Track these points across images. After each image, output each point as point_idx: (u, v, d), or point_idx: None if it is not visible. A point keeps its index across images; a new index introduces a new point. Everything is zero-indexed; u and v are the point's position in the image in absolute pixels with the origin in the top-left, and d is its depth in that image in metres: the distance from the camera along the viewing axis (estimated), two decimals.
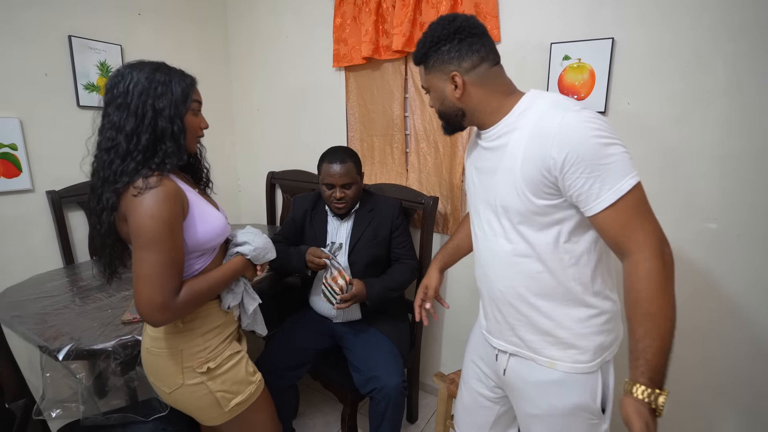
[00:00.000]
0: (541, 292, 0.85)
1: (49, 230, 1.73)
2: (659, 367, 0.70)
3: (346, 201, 1.45)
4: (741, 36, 1.15)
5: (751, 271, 1.23)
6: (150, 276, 0.81)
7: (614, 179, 0.72)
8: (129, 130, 0.84)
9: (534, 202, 0.80)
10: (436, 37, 0.85)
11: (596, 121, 0.74)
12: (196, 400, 0.97)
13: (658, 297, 0.71)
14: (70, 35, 1.70)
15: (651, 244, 0.72)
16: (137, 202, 0.81)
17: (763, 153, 1.17)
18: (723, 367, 1.31)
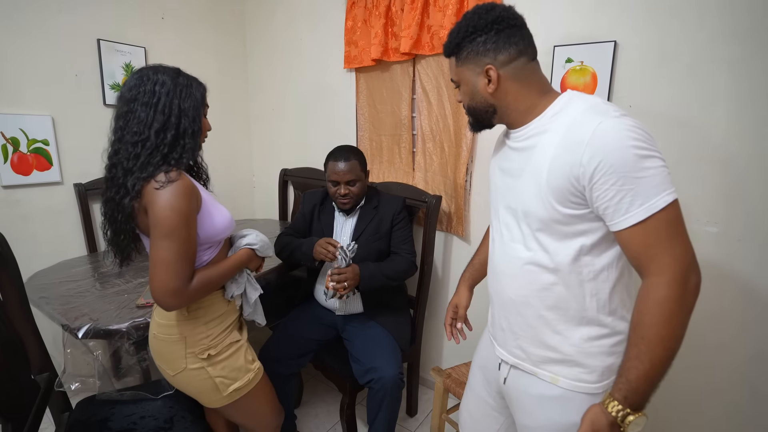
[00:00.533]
0: (553, 305, 0.81)
1: (75, 220, 1.86)
2: (639, 390, 0.68)
3: (350, 197, 1.50)
4: (742, 39, 1.14)
5: (752, 276, 1.22)
6: (167, 263, 0.88)
7: (647, 194, 0.67)
8: (158, 127, 0.90)
9: (558, 210, 0.76)
10: (472, 27, 0.79)
11: (637, 130, 0.68)
12: (197, 383, 1.04)
13: (661, 325, 0.68)
14: (99, 39, 1.83)
15: (675, 269, 0.67)
16: (159, 195, 0.87)
17: (763, 157, 1.16)
18: (723, 371, 1.30)
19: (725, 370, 1.30)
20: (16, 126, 1.63)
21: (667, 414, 1.41)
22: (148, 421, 1.17)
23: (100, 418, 1.17)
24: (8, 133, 1.62)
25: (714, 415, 1.33)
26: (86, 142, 1.84)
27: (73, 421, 1.17)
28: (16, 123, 1.63)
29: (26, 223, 1.72)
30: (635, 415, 0.68)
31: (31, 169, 1.69)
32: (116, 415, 1.18)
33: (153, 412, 1.20)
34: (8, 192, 1.66)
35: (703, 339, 1.32)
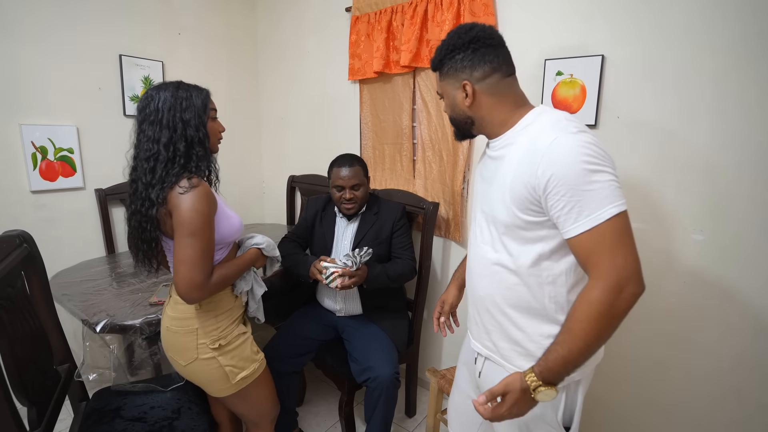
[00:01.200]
0: (516, 304, 0.87)
1: (95, 223, 1.98)
2: (554, 370, 0.75)
3: (355, 201, 1.58)
4: (726, 53, 1.18)
5: (736, 283, 1.25)
6: (193, 260, 0.97)
7: (594, 206, 0.72)
8: (165, 141, 0.99)
9: (519, 216, 0.82)
10: (452, 45, 0.87)
11: (589, 146, 0.73)
12: (208, 372, 1.12)
13: (586, 323, 0.73)
14: (121, 54, 1.96)
15: (612, 276, 0.72)
16: (184, 199, 0.96)
17: (747, 167, 1.19)
18: (711, 378, 1.32)
19: (713, 376, 1.32)
20: (45, 136, 1.77)
21: (660, 418, 1.43)
22: (158, 411, 1.26)
23: (114, 407, 1.27)
24: (38, 143, 1.75)
25: (703, 420, 1.35)
26: (107, 150, 1.97)
27: (90, 409, 1.27)
28: (45, 133, 1.77)
29: (51, 226, 1.85)
30: (546, 387, 0.75)
31: (57, 176, 1.82)
32: (128, 405, 1.27)
33: (162, 403, 1.29)
34: (36, 197, 1.80)
35: (687, 345, 1.35)
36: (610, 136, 1.40)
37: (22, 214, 1.76)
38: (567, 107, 1.46)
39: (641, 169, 1.36)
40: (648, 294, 1.40)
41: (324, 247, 1.68)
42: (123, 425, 1.20)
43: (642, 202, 1.38)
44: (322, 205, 1.74)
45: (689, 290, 1.33)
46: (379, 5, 1.88)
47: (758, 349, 1.24)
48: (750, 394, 1.26)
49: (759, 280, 1.21)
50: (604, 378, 1.53)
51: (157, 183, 0.98)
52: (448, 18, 1.63)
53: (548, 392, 0.75)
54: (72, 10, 1.82)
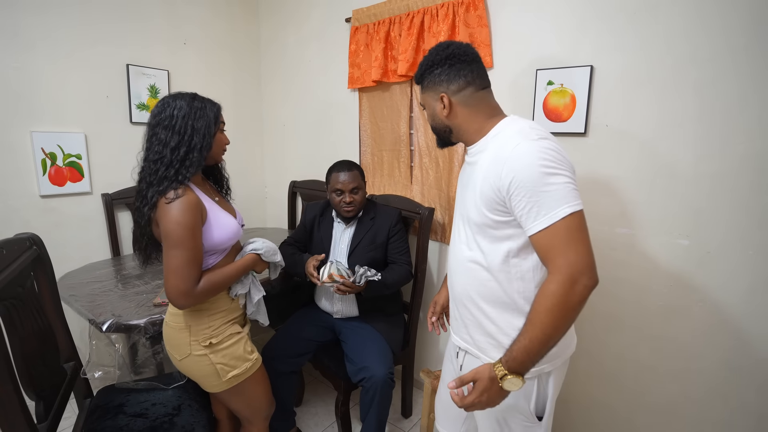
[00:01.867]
0: (489, 299, 0.94)
1: (101, 227, 2.05)
2: (518, 359, 0.81)
3: (354, 204, 1.62)
4: (709, 64, 1.22)
5: (720, 288, 1.28)
6: (177, 269, 1.02)
7: (550, 206, 0.79)
8: (174, 145, 1.05)
9: (487, 215, 0.90)
10: (431, 61, 0.97)
11: (548, 152, 0.81)
12: (200, 368, 1.17)
13: (543, 313, 0.80)
14: (128, 63, 2.03)
15: (566, 271, 0.78)
16: (168, 210, 1.02)
17: (731, 175, 1.23)
18: (697, 379, 1.35)
19: (699, 378, 1.35)
20: (54, 143, 1.83)
21: (648, 419, 1.46)
22: (159, 407, 1.31)
23: (117, 403, 1.31)
24: (48, 149, 1.82)
25: (690, 421, 1.38)
26: (114, 156, 2.04)
27: (94, 406, 1.32)
28: (54, 140, 1.83)
29: (59, 229, 1.91)
30: (512, 376, 0.80)
31: (66, 181, 1.89)
32: (131, 402, 1.32)
33: (163, 400, 1.34)
34: (45, 201, 1.86)
35: (674, 347, 1.38)
36: (599, 143, 1.44)
37: (31, 217, 1.83)
38: (558, 116, 1.50)
39: (629, 175, 1.40)
40: (636, 297, 1.46)
41: (322, 251, 1.72)
42: (125, 421, 1.25)
43: (630, 208, 1.41)
44: (320, 211, 1.79)
45: (675, 294, 1.36)
46: (377, 16, 1.94)
47: (741, 351, 1.27)
48: (734, 394, 1.29)
49: (742, 283, 1.24)
50: (594, 378, 1.57)
51: (155, 184, 1.03)
52: (444, 29, 1.69)
53: (514, 381, 0.81)
54: (82, 22, 1.89)
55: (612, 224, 1.45)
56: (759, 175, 1.19)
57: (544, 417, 0.95)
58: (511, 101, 1.61)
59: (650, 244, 1.39)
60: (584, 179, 1.49)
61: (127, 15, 2.03)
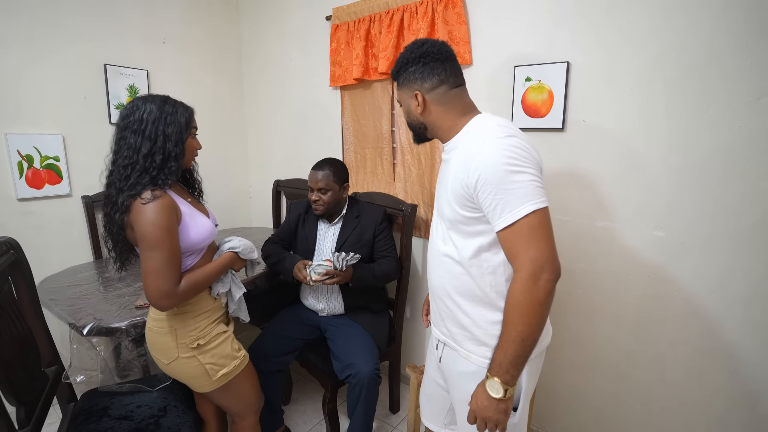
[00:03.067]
0: (462, 292, 0.97)
1: (82, 229, 2.02)
2: (497, 359, 0.86)
3: (320, 204, 1.64)
4: (681, 61, 1.26)
5: (694, 276, 1.33)
6: (156, 271, 1.01)
7: (514, 204, 0.81)
8: (145, 152, 1.03)
9: (458, 211, 0.92)
10: (406, 59, 0.98)
11: (513, 150, 0.82)
12: (189, 370, 1.17)
13: (514, 312, 0.83)
14: (106, 63, 2.00)
15: (528, 267, 0.81)
16: (143, 211, 1.00)
17: (702, 167, 1.27)
18: (673, 364, 1.40)
19: (676, 363, 1.39)
20: (30, 144, 1.80)
21: (630, 404, 1.50)
22: (144, 409, 1.30)
23: (101, 407, 1.30)
24: (24, 151, 1.78)
25: (668, 403, 1.43)
26: (93, 157, 2.00)
27: (77, 410, 1.31)
28: (30, 142, 1.80)
29: (38, 233, 1.88)
30: (493, 379, 0.86)
31: (44, 183, 1.85)
32: (115, 405, 1.31)
33: (148, 402, 1.33)
34: (23, 204, 1.83)
35: (654, 335, 1.42)
36: (577, 138, 1.47)
37: (8, 221, 1.79)
38: (536, 111, 1.53)
39: (606, 169, 1.43)
40: (616, 287, 1.50)
41: (306, 249, 1.73)
42: (110, 423, 1.24)
43: (608, 202, 1.45)
44: (304, 209, 1.79)
45: (653, 283, 1.40)
46: (358, 14, 1.94)
47: (713, 336, 1.31)
48: (708, 377, 1.34)
49: (713, 272, 1.29)
50: (577, 367, 1.61)
51: (126, 190, 1.02)
52: (423, 26, 1.70)
53: (492, 383, 0.86)
54: (57, 21, 1.85)
55: (591, 217, 1.49)
56: (725, 167, 1.23)
57: (519, 407, 0.97)
58: (490, 97, 1.64)
59: (628, 236, 1.43)
60: (563, 173, 1.52)
61: (103, 13, 1.99)
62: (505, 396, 0.85)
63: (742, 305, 1.26)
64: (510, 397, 0.87)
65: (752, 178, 1.20)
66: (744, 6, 1.15)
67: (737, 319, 1.27)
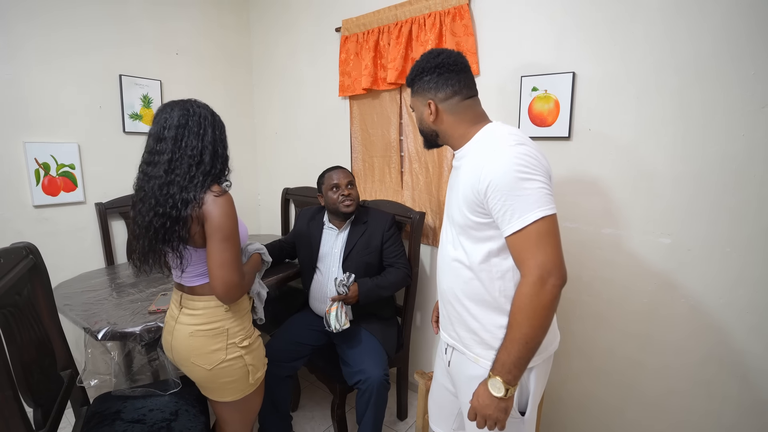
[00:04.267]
0: (472, 297, 0.98)
1: (95, 236, 2.05)
2: (501, 359, 0.88)
3: (352, 198, 1.66)
4: (684, 70, 1.28)
5: (701, 284, 1.33)
6: (230, 262, 1.04)
7: (524, 210, 0.83)
8: (208, 154, 1.08)
9: (468, 217, 0.94)
10: (421, 68, 1.01)
11: (523, 158, 0.85)
12: (233, 371, 1.17)
13: (519, 314, 0.85)
14: (121, 74, 2.06)
15: (535, 272, 0.83)
16: (217, 203, 1.03)
17: (707, 175, 1.28)
18: (682, 373, 1.40)
19: (683, 372, 1.39)
20: (47, 153, 1.84)
21: (638, 414, 1.50)
22: (156, 413, 1.32)
23: (114, 410, 1.32)
24: (41, 159, 1.83)
25: (677, 413, 1.42)
26: (107, 165, 2.05)
27: (91, 413, 1.32)
28: (47, 150, 1.85)
29: (53, 239, 1.92)
30: (495, 378, 0.89)
31: (59, 191, 1.90)
32: (128, 408, 1.33)
33: (160, 406, 1.34)
34: (39, 211, 1.87)
35: (661, 344, 1.43)
36: (583, 147, 1.50)
37: (25, 227, 1.83)
38: (543, 120, 1.56)
39: (612, 177, 1.45)
40: (623, 295, 1.51)
41: (309, 257, 1.76)
42: (123, 427, 1.25)
43: (614, 209, 1.47)
44: (312, 215, 1.82)
45: (659, 291, 1.41)
46: (366, 26, 1.99)
47: (722, 344, 1.31)
48: (717, 386, 1.34)
49: (721, 279, 1.30)
50: (583, 375, 1.61)
51: (193, 188, 1.04)
52: (431, 38, 1.74)
53: (494, 382, 0.89)
54: (76, 34, 1.91)
55: (598, 225, 1.50)
56: (733, 175, 1.24)
57: (527, 412, 0.98)
58: (498, 107, 1.67)
59: (635, 243, 1.44)
60: (570, 181, 1.54)
61: (119, 25, 2.05)
62: (506, 395, 0.87)
63: (751, 312, 1.26)
64: (511, 397, 0.89)
65: (757, 186, 1.21)
66: (744, 16, 1.18)
67: (746, 326, 1.28)
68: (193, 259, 1.12)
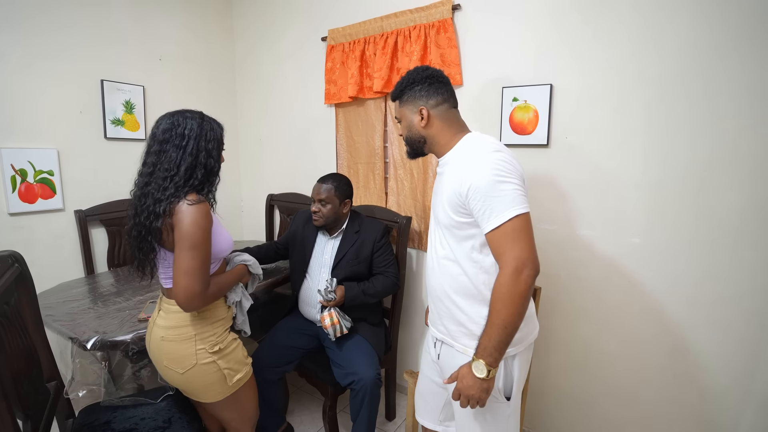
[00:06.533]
0: (459, 291, 1.07)
1: (74, 244, 1.99)
2: (482, 344, 0.97)
3: (319, 216, 1.70)
4: (652, 86, 1.40)
5: (669, 280, 1.45)
6: (193, 270, 1.04)
7: (500, 209, 0.94)
8: (186, 166, 1.08)
9: (452, 217, 1.04)
10: (412, 79, 1.11)
11: (500, 163, 0.96)
12: (206, 376, 1.18)
13: (499, 302, 0.94)
14: (102, 79, 2.02)
15: (512, 264, 0.93)
16: (188, 212, 1.04)
17: (673, 181, 1.40)
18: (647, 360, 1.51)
19: (652, 361, 1.50)
20: (25, 159, 1.79)
21: (612, 401, 1.60)
22: (148, 422, 1.30)
23: (104, 421, 1.30)
24: (17, 165, 1.77)
25: (647, 399, 1.53)
26: (88, 172, 2.01)
27: (78, 425, 1.29)
28: (25, 156, 1.79)
29: (29, 248, 1.85)
30: (478, 361, 0.97)
31: (36, 198, 1.84)
32: (118, 418, 1.31)
33: (152, 414, 1.33)
34: (14, 219, 1.80)
35: (631, 335, 1.53)
36: (561, 154, 1.60)
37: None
38: (523, 129, 1.65)
39: (587, 182, 1.55)
40: (597, 293, 1.61)
41: (302, 260, 1.78)
42: None
43: (590, 212, 1.57)
44: (307, 218, 1.84)
45: (631, 287, 1.51)
46: (352, 36, 2.04)
47: (687, 335, 1.43)
48: (682, 371, 1.46)
49: (689, 277, 1.41)
50: (563, 369, 1.70)
51: (165, 199, 1.06)
52: (416, 49, 1.81)
53: (477, 365, 0.97)
54: (55, 37, 1.87)
55: (573, 227, 1.60)
56: (697, 180, 1.36)
57: (512, 397, 1.07)
58: (481, 115, 1.75)
59: (608, 243, 1.54)
60: (548, 186, 1.63)
61: (101, 30, 2.02)
62: (488, 376, 0.96)
63: (713, 306, 1.38)
64: (492, 378, 0.98)
65: (718, 191, 1.33)
66: (704, 39, 1.30)
67: (709, 319, 1.39)
68: (167, 261, 1.14)
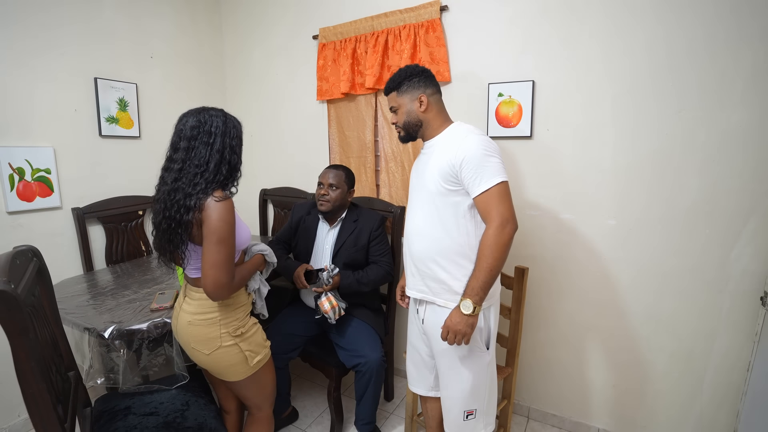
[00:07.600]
0: (442, 253, 1.24)
1: (72, 242, 2.00)
2: (470, 285, 1.17)
3: (328, 199, 1.76)
4: (619, 82, 1.56)
5: (641, 256, 1.62)
6: (221, 263, 1.12)
7: (488, 177, 1.16)
8: (215, 163, 1.14)
9: (442, 185, 1.22)
10: (409, 72, 1.30)
11: (486, 142, 1.20)
12: (229, 357, 1.26)
13: (486, 250, 1.15)
14: (96, 77, 2.03)
15: (497, 220, 1.15)
16: (216, 208, 1.11)
17: (639, 167, 1.57)
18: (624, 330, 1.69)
19: (628, 331, 1.68)
20: (22, 157, 1.79)
21: (595, 369, 1.76)
22: (167, 405, 1.37)
23: (123, 407, 1.35)
24: (15, 164, 1.77)
25: (625, 365, 1.70)
26: (84, 169, 2.01)
27: (98, 412, 1.35)
28: (22, 155, 1.79)
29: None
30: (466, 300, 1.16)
31: (34, 196, 1.84)
32: (137, 404, 1.37)
33: (170, 399, 1.40)
34: (12, 218, 1.80)
35: (609, 309, 1.70)
36: (543, 144, 1.74)
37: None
38: (508, 122, 1.78)
39: (569, 170, 1.70)
40: (579, 270, 1.77)
41: (306, 250, 1.86)
42: (137, 420, 1.30)
43: (571, 197, 1.72)
44: (306, 210, 1.91)
45: (608, 264, 1.68)
46: (343, 34, 2.12)
47: (657, 305, 1.61)
48: (654, 339, 1.64)
49: (658, 252, 1.59)
50: (549, 343, 1.85)
51: (195, 194, 1.12)
52: (407, 47, 1.91)
53: (466, 303, 1.16)
54: (49, 36, 1.87)
55: (556, 211, 1.75)
56: (660, 166, 1.53)
57: (490, 346, 1.28)
58: (468, 109, 1.87)
59: (587, 225, 1.70)
60: (532, 175, 1.78)
61: (93, 28, 2.02)
62: (473, 312, 1.15)
63: (679, 277, 1.56)
64: (476, 315, 1.16)
65: (678, 174, 1.51)
66: (666, 39, 1.47)
67: (676, 289, 1.57)
68: (195, 254, 1.21)
